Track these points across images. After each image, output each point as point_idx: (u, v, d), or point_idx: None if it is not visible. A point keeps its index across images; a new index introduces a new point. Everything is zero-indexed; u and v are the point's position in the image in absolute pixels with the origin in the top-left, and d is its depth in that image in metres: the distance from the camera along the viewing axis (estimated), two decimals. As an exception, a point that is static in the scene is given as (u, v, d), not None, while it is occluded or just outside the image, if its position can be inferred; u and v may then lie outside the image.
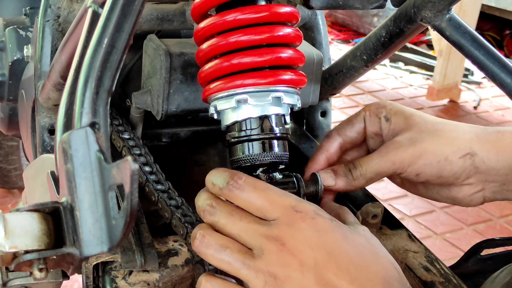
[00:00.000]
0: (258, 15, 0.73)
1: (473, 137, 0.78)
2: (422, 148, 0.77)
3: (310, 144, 1.03)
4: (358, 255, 0.62)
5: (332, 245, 0.62)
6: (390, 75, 4.06)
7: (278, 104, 0.75)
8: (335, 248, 0.62)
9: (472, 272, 0.86)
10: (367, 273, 0.61)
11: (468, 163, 0.77)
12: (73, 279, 1.88)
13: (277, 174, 0.77)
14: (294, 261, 0.61)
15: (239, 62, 0.73)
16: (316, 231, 0.62)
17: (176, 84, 0.85)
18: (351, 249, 0.62)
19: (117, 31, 0.56)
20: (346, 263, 0.61)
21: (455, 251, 2.25)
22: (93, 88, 0.54)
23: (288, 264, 0.61)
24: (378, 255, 0.64)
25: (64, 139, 0.52)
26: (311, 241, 0.62)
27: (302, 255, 0.61)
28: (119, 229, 0.48)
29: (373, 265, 0.62)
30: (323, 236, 0.62)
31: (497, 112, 3.63)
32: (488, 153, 0.77)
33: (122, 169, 0.48)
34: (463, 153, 0.77)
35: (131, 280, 0.72)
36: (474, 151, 0.77)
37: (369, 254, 0.63)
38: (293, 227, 0.63)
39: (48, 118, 0.97)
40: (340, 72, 0.99)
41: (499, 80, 0.81)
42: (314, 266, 0.60)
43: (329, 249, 0.61)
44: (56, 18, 0.96)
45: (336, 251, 0.61)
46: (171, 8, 0.92)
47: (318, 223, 0.63)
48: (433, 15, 0.81)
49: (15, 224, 0.51)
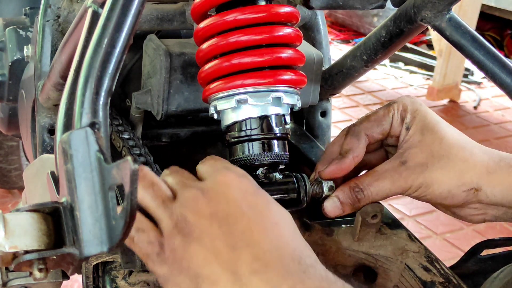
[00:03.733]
0: (258, 15, 0.73)
1: (483, 172, 0.77)
2: (430, 178, 0.77)
3: (310, 144, 1.03)
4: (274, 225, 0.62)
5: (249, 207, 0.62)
6: (390, 75, 4.06)
7: (278, 104, 0.75)
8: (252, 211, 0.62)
9: (472, 272, 0.86)
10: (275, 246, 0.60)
11: (471, 196, 0.77)
12: (73, 279, 1.87)
13: (277, 174, 0.77)
14: (208, 209, 0.62)
15: (239, 62, 0.73)
16: (239, 189, 0.63)
17: (176, 84, 0.85)
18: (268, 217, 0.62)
19: (117, 31, 0.56)
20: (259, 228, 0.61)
21: (455, 251, 2.24)
22: (93, 88, 0.54)
23: (201, 211, 0.62)
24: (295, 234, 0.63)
25: (64, 139, 0.52)
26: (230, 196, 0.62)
27: (216, 207, 0.62)
28: (119, 229, 0.48)
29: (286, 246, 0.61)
30: (244, 195, 0.63)
31: (497, 112, 3.63)
32: (493, 188, 0.76)
33: (122, 169, 0.48)
34: (467, 187, 0.77)
35: (131, 280, 0.72)
36: (479, 186, 0.76)
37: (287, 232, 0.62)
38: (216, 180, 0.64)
39: (48, 118, 0.97)
40: (340, 72, 0.99)
41: (499, 80, 0.81)
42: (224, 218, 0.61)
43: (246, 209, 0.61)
44: (56, 18, 0.96)
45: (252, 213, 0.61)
46: (171, 8, 0.92)
47: (243, 182, 0.64)
48: (433, 15, 0.81)
49: (15, 224, 0.51)
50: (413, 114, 0.80)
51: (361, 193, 0.79)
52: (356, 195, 0.79)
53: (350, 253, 0.80)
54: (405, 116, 0.80)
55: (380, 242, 0.81)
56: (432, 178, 0.77)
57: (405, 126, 0.80)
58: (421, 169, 0.77)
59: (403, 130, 0.80)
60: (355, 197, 0.79)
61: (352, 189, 0.79)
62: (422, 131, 0.79)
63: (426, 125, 0.79)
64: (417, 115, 0.80)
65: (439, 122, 0.80)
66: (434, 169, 0.77)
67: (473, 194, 0.77)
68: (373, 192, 0.78)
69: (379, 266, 0.80)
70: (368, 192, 0.78)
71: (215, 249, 0.60)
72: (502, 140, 3.25)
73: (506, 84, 0.80)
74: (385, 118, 0.82)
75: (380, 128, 0.82)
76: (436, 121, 0.80)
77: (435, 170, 0.77)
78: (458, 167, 0.77)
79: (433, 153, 0.78)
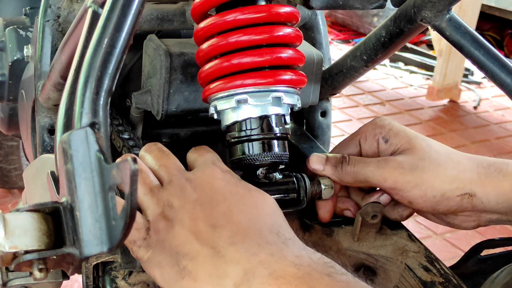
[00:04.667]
0: (258, 15, 0.73)
1: (474, 177, 0.76)
2: (421, 179, 0.76)
3: (310, 144, 1.03)
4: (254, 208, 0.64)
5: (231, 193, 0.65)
6: (390, 75, 4.06)
7: (278, 104, 0.75)
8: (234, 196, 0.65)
9: (472, 272, 0.86)
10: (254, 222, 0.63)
11: (465, 201, 0.76)
12: (73, 279, 1.87)
13: (277, 174, 0.77)
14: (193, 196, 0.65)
15: (239, 62, 0.73)
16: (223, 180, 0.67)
17: (176, 84, 0.85)
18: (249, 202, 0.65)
19: (117, 31, 0.56)
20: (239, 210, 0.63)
21: (455, 251, 2.24)
22: (93, 88, 0.54)
23: (186, 197, 0.65)
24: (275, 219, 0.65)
25: (64, 139, 0.52)
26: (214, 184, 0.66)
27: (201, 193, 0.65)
28: (119, 229, 0.48)
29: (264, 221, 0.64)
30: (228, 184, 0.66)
31: (497, 112, 3.63)
32: (487, 195, 0.76)
33: (122, 169, 0.48)
34: (462, 192, 0.76)
35: (131, 280, 0.72)
36: (473, 191, 0.76)
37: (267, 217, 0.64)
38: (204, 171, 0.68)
39: (48, 118, 0.97)
40: (340, 72, 0.99)
41: (499, 80, 0.81)
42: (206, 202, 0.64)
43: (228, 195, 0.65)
44: (56, 18, 0.96)
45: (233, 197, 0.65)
46: (171, 8, 0.92)
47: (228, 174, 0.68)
48: (433, 15, 0.81)
49: (15, 224, 0.51)
50: (387, 127, 0.80)
51: (346, 160, 0.79)
52: (342, 160, 0.80)
53: (350, 253, 0.81)
54: (378, 132, 0.80)
55: (380, 242, 0.81)
56: (422, 178, 0.76)
57: (382, 140, 0.80)
58: (410, 167, 0.76)
59: (381, 144, 0.80)
60: (340, 162, 0.79)
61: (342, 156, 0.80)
62: (408, 138, 0.79)
63: (408, 134, 0.79)
64: (393, 127, 0.80)
65: (419, 134, 0.80)
66: (425, 171, 0.76)
67: (468, 200, 0.76)
68: (356, 168, 0.78)
69: (379, 266, 0.80)
70: (352, 164, 0.79)
71: (196, 228, 0.62)
72: (502, 140, 3.25)
73: (506, 84, 0.80)
74: (350, 143, 0.83)
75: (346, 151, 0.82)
76: (416, 133, 0.80)
77: (426, 172, 0.76)
78: (449, 172, 0.76)
79: (423, 156, 0.77)
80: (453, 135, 3.19)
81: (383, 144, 0.80)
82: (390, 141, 0.79)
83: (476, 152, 0.92)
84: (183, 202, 0.65)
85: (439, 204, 0.76)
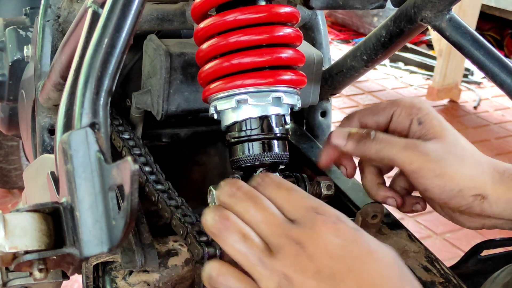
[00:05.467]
0: (258, 15, 0.73)
1: (488, 180, 0.76)
2: (444, 170, 0.75)
3: (310, 144, 1.03)
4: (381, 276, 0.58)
5: (353, 260, 0.58)
6: (390, 75, 4.06)
7: (278, 104, 0.75)
8: (356, 264, 0.58)
9: (472, 272, 0.86)
10: None
11: (476, 203, 0.76)
12: (73, 279, 1.87)
13: (277, 174, 0.77)
14: (311, 267, 0.58)
15: (239, 62, 0.73)
16: (338, 239, 0.59)
17: (176, 84, 0.85)
18: (374, 268, 0.59)
19: (117, 31, 0.56)
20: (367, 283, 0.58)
21: (455, 251, 2.24)
22: (93, 88, 0.54)
23: (304, 269, 0.58)
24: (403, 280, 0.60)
25: (64, 139, 0.52)
26: (331, 249, 0.59)
27: (320, 263, 0.58)
28: (119, 229, 0.48)
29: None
30: (345, 246, 0.59)
31: (497, 112, 3.63)
32: (497, 200, 0.76)
33: (122, 169, 0.48)
34: (476, 192, 0.76)
35: (131, 280, 0.72)
36: (486, 194, 0.76)
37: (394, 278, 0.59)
38: (314, 230, 0.60)
39: (48, 118, 0.97)
40: (340, 72, 0.99)
41: (499, 80, 0.81)
42: (330, 277, 0.58)
43: (350, 263, 0.58)
44: (56, 18, 0.96)
45: (357, 266, 0.58)
46: (171, 8, 0.92)
47: (340, 230, 0.60)
48: (433, 15, 0.81)
49: (15, 224, 0.51)
50: (425, 111, 0.79)
51: (371, 136, 0.77)
52: (366, 136, 0.77)
53: (350, 253, 0.80)
54: (416, 112, 0.79)
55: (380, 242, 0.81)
56: (446, 171, 0.75)
57: (416, 121, 0.79)
58: (436, 157, 0.75)
59: (414, 125, 0.79)
60: (364, 137, 0.77)
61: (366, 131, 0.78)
62: (441, 127, 0.78)
63: (442, 122, 0.79)
64: (430, 112, 0.79)
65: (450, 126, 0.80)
66: (450, 164, 0.75)
67: (479, 201, 0.76)
68: (381, 146, 0.76)
69: (379, 266, 0.80)
70: (377, 140, 0.77)
71: None
72: (502, 140, 3.25)
73: (506, 84, 0.80)
74: (383, 111, 0.81)
75: (375, 118, 0.81)
76: (448, 125, 0.80)
77: (450, 165, 0.75)
78: (470, 170, 0.76)
79: (450, 149, 0.76)
80: (453, 135, 3.18)
81: (416, 125, 0.79)
82: (423, 124, 0.78)
83: (476, 152, 0.92)
84: (302, 276, 0.58)
85: (453, 199, 0.76)
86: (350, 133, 0.78)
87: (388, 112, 0.81)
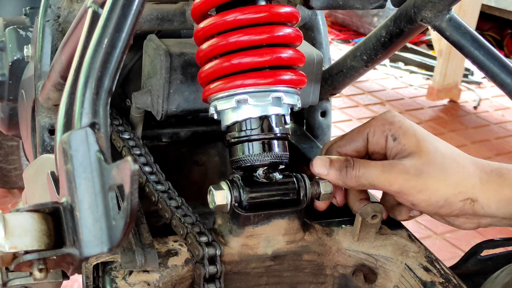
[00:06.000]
0: (258, 15, 0.73)
1: (476, 183, 0.76)
2: (425, 184, 0.76)
3: (310, 144, 1.03)
4: None
5: None
6: (390, 75, 4.06)
7: (278, 104, 0.75)
8: None
9: (472, 272, 0.86)
10: None
11: (467, 206, 0.76)
12: (73, 279, 1.87)
13: (277, 174, 0.77)
14: None
15: (239, 62, 0.73)
16: None
17: (176, 84, 0.85)
18: None
19: (117, 31, 0.56)
20: None
21: (455, 251, 2.24)
22: (93, 88, 0.54)
23: None
24: None
25: (64, 139, 0.52)
26: None
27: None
28: (119, 229, 0.48)
29: None
30: None
31: (497, 112, 3.63)
32: (488, 201, 0.76)
33: (122, 169, 0.48)
34: (464, 197, 0.76)
35: (131, 280, 0.72)
36: (475, 197, 0.76)
37: None
38: None
39: (48, 118, 0.97)
40: (340, 72, 0.99)
41: (499, 80, 0.81)
42: None
43: None
44: (56, 18, 0.96)
45: None
46: (171, 8, 0.92)
47: None
48: (433, 15, 0.81)
49: (15, 224, 0.51)
50: (397, 125, 0.79)
51: (351, 164, 0.78)
52: (346, 164, 0.78)
53: (350, 253, 0.81)
54: (388, 128, 0.80)
55: (380, 242, 0.81)
56: (427, 184, 0.76)
57: (391, 138, 0.79)
58: (415, 172, 0.76)
59: (389, 142, 0.79)
60: (344, 166, 0.78)
61: (345, 159, 0.79)
62: (417, 140, 0.78)
63: (417, 134, 0.79)
64: (402, 125, 0.79)
65: (429, 134, 0.80)
66: (430, 176, 0.76)
67: (470, 205, 0.76)
68: (361, 172, 0.77)
69: (379, 266, 0.80)
70: (357, 168, 0.78)
71: None
72: (502, 140, 3.25)
73: (506, 84, 0.80)
74: (358, 135, 0.82)
75: (353, 145, 0.82)
76: (426, 133, 0.80)
77: (430, 178, 0.76)
78: (453, 177, 0.76)
79: (429, 161, 0.77)
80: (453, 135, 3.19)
81: (391, 141, 0.79)
82: (398, 139, 0.79)
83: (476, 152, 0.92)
84: None
85: (442, 208, 0.77)
86: (331, 161, 0.79)
87: (363, 135, 0.82)
